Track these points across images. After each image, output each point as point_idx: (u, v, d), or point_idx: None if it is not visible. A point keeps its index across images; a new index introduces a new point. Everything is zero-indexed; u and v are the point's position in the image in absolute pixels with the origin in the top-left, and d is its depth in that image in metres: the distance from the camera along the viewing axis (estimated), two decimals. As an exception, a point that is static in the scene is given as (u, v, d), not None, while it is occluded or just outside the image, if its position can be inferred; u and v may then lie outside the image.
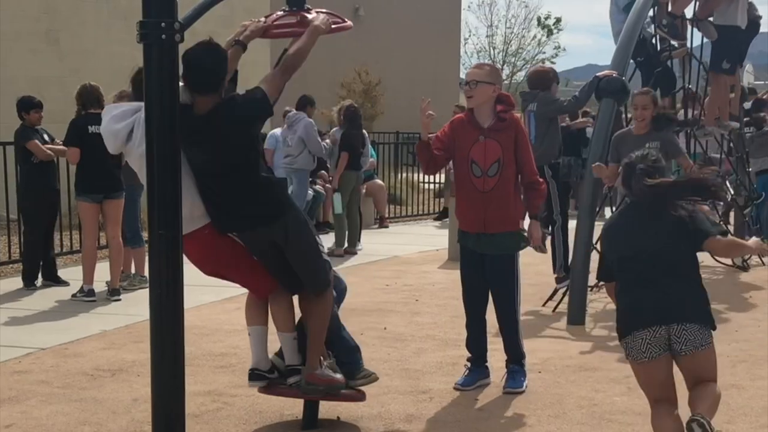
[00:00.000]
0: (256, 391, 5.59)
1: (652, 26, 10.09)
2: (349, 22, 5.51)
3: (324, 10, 5.44)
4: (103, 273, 9.69)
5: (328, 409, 5.65)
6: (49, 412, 5.80)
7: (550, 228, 8.92)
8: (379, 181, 16.08)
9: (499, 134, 6.15)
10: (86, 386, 6.39)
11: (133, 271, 10.11)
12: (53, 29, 16.42)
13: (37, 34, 16.15)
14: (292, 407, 5.70)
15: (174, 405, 3.76)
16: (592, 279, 8.99)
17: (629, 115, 10.29)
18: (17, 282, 10.20)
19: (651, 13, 10.03)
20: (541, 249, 7.15)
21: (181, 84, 5.26)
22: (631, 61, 9.61)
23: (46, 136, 10.12)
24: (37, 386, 6.36)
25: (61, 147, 9.82)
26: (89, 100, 9.45)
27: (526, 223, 6.46)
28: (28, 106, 10.06)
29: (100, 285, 9.58)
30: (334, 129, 13.17)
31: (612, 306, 6.11)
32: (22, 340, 7.64)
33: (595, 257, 8.86)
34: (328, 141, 13.18)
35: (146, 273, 9.01)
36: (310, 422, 5.52)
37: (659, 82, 10.32)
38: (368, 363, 6.76)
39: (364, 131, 13.16)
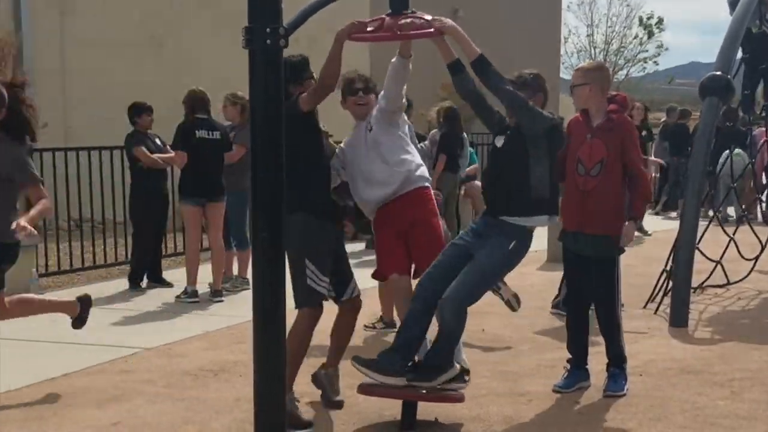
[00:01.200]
0: (356, 392, 5.64)
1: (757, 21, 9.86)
2: (431, 30, 5.46)
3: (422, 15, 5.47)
4: (206, 275, 9.88)
5: (426, 410, 5.67)
6: (154, 411, 5.92)
7: None
8: (478, 183, 15.99)
9: (606, 134, 6.08)
10: (190, 386, 6.51)
11: (235, 273, 10.27)
12: (156, 35, 16.68)
13: (141, 39, 16.43)
14: (391, 408, 5.72)
15: (276, 405, 3.79)
16: (695, 281, 8.87)
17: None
18: (123, 283, 10.45)
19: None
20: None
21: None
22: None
23: (158, 141, 10.31)
24: (143, 385, 6.51)
25: (169, 155, 10.00)
26: (197, 105, 9.56)
27: None
28: (139, 110, 10.24)
29: (203, 287, 9.77)
30: (433, 131, 13.13)
31: (715, 307, 6.00)
32: (128, 340, 7.83)
33: (698, 258, 8.77)
34: (426, 143, 13.15)
35: (248, 275, 9.17)
36: (409, 423, 5.54)
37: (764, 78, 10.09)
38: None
39: (464, 133, 13.09)
